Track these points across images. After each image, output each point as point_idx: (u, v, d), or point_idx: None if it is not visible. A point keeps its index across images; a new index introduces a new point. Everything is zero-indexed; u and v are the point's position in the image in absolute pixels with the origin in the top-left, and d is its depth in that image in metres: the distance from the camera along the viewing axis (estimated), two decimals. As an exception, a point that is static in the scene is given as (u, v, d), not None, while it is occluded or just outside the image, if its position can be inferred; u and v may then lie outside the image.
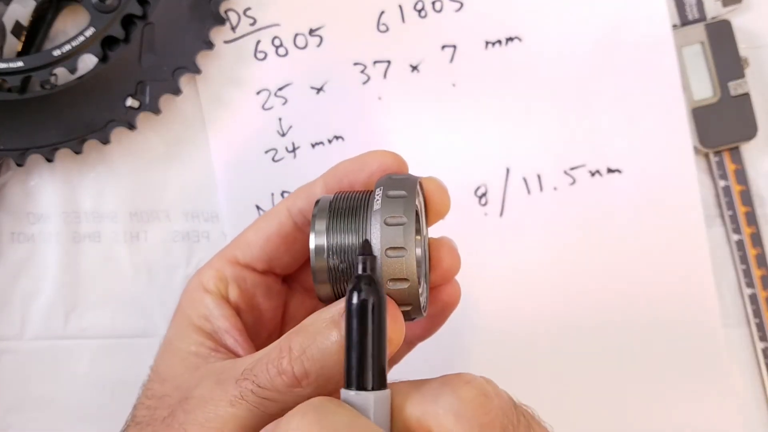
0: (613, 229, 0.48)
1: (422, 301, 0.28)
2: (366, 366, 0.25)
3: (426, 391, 0.25)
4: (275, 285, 0.33)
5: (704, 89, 0.48)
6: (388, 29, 0.48)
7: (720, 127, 0.48)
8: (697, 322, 0.47)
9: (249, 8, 0.48)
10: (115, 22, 0.44)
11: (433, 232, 0.33)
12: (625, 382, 0.47)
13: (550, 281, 0.48)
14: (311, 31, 0.48)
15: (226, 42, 0.48)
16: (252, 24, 0.48)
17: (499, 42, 0.48)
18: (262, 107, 0.48)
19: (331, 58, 0.48)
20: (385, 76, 0.48)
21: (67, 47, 0.43)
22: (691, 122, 0.48)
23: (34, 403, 0.47)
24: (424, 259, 0.30)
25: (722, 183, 0.48)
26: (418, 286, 0.27)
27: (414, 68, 0.48)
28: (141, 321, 0.47)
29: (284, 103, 0.48)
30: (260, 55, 0.48)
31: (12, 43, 0.46)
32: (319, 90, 0.48)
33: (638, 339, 0.47)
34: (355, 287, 0.25)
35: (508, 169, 0.48)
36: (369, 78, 0.48)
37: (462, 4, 0.48)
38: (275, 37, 0.48)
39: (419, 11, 0.48)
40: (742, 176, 0.48)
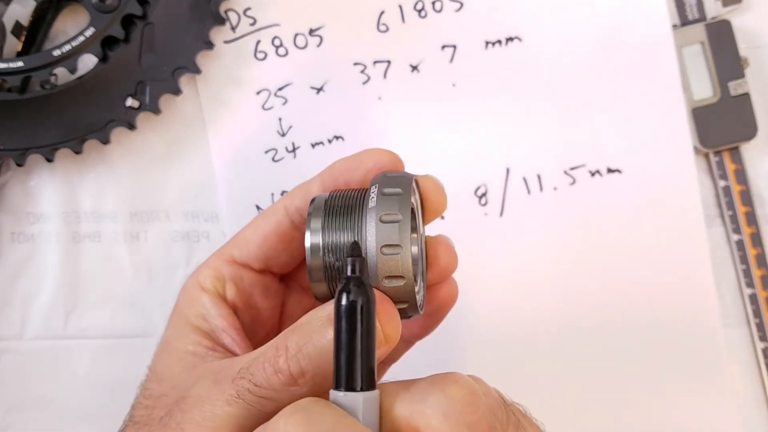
0: (613, 229, 0.48)
1: (419, 299, 0.28)
2: (355, 367, 0.24)
3: (414, 390, 0.25)
4: (273, 284, 0.33)
5: (704, 89, 0.48)
6: (388, 29, 0.48)
7: (720, 127, 0.48)
8: (697, 322, 0.47)
9: (249, 8, 0.48)
10: (115, 22, 0.44)
11: (433, 231, 0.33)
12: (624, 381, 0.47)
13: (549, 281, 0.48)
14: (311, 31, 0.48)
15: (226, 42, 0.48)
16: (252, 24, 0.48)
17: (499, 42, 0.48)
18: (262, 107, 0.48)
19: (331, 58, 0.48)
20: (385, 76, 0.48)
21: (67, 47, 0.43)
22: (691, 122, 0.48)
23: (34, 403, 0.47)
24: (420, 257, 0.30)
25: (722, 183, 0.48)
26: (413, 283, 0.27)
27: (414, 68, 0.48)
28: (141, 321, 0.47)
29: (284, 103, 0.48)
30: (260, 55, 0.48)
31: (12, 43, 0.46)
32: (319, 90, 0.48)
33: (638, 339, 0.47)
34: (344, 288, 0.24)
35: (508, 169, 0.48)
36: (369, 78, 0.48)
37: (462, 4, 0.48)
38: (275, 37, 0.48)
39: (419, 11, 0.48)
40: (742, 176, 0.48)
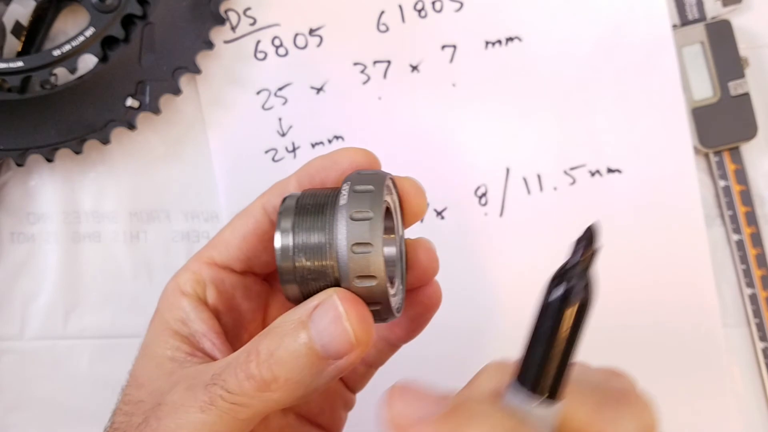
0: (613, 229, 0.48)
1: (395, 302, 0.28)
2: (562, 371, 0.21)
3: (603, 409, 0.23)
4: (255, 285, 0.33)
5: (704, 89, 0.48)
6: (388, 29, 0.48)
7: (720, 127, 0.48)
8: (697, 322, 0.47)
9: (249, 8, 0.48)
10: (115, 22, 0.44)
11: (433, 230, 0.33)
12: (625, 382, 0.47)
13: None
14: (311, 31, 0.48)
15: (226, 42, 0.48)
16: (252, 24, 0.48)
17: (499, 42, 0.48)
18: (262, 107, 0.48)
19: (331, 58, 0.48)
20: (385, 76, 0.48)
21: (67, 47, 0.43)
22: (691, 122, 0.48)
23: (35, 403, 0.47)
24: (399, 259, 0.30)
25: (722, 183, 0.48)
26: (386, 283, 0.26)
27: (414, 68, 0.48)
28: (141, 321, 0.46)
29: (284, 103, 0.48)
30: (260, 55, 0.48)
31: (12, 43, 0.46)
32: (319, 90, 0.48)
33: (638, 339, 0.47)
34: (568, 283, 0.21)
35: (508, 169, 0.48)
36: (369, 78, 0.48)
37: (462, 4, 0.48)
38: (275, 37, 0.48)
39: (419, 11, 0.48)
40: (742, 176, 0.48)
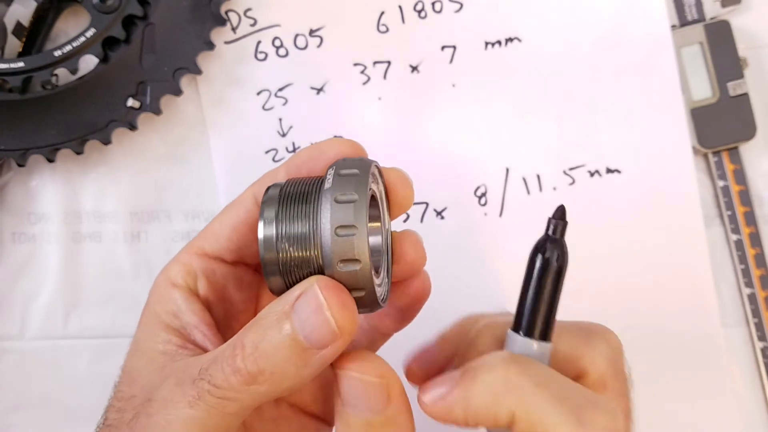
0: (612, 229, 0.48)
1: (380, 292, 0.27)
2: (552, 318, 0.27)
3: (580, 336, 0.29)
4: (246, 276, 0.32)
5: (703, 89, 0.48)
6: (388, 30, 0.48)
7: (719, 127, 0.48)
8: (696, 322, 0.47)
9: (249, 9, 0.48)
10: (116, 23, 0.44)
11: (432, 229, 0.33)
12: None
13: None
14: (311, 32, 0.48)
15: (226, 42, 0.48)
16: (252, 25, 0.48)
17: (499, 42, 0.48)
18: (263, 107, 0.48)
19: (331, 59, 0.48)
20: (385, 76, 0.48)
21: (68, 48, 0.43)
22: (690, 122, 0.48)
23: (35, 403, 0.47)
24: (386, 250, 0.29)
25: (721, 183, 0.48)
26: (370, 267, 0.25)
27: (414, 68, 0.48)
28: (141, 321, 0.47)
29: (284, 104, 0.48)
30: (261, 56, 0.48)
31: (13, 43, 0.46)
32: (320, 90, 0.48)
33: (637, 338, 0.47)
34: (548, 249, 0.26)
35: (508, 169, 0.48)
36: (369, 78, 0.48)
37: (462, 5, 0.48)
38: (276, 38, 0.48)
39: (419, 12, 0.48)
40: (741, 176, 0.48)
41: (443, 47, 0.48)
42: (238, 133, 0.48)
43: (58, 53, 0.43)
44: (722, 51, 0.48)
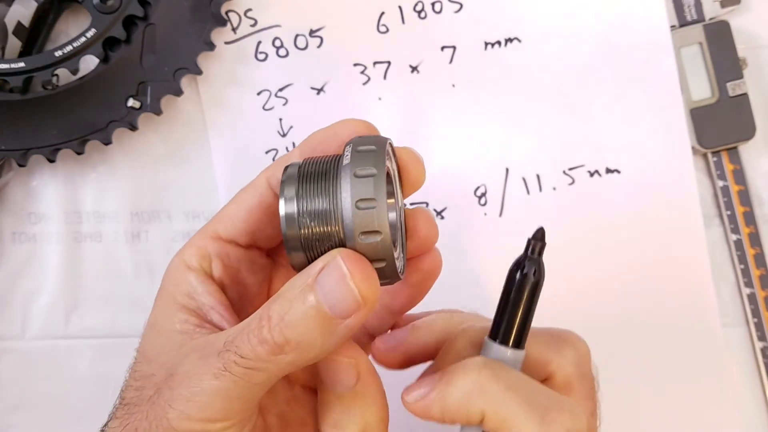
0: (612, 229, 0.48)
1: (399, 265, 0.28)
2: (526, 329, 0.30)
3: (549, 342, 0.31)
4: (260, 259, 0.33)
5: (703, 90, 0.48)
6: (388, 30, 0.48)
7: (718, 127, 0.48)
8: (696, 322, 0.47)
9: (250, 9, 0.48)
10: (116, 23, 0.44)
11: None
12: (623, 381, 0.47)
13: (548, 281, 0.48)
14: (312, 32, 0.48)
15: (227, 43, 0.48)
16: (253, 25, 0.48)
17: (499, 43, 0.48)
18: (263, 108, 0.48)
19: (331, 59, 0.48)
20: (385, 76, 0.48)
21: (69, 48, 0.44)
22: (690, 122, 0.48)
23: (36, 403, 0.47)
24: (399, 226, 0.30)
25: (721, 183, 0.48)
26: (390, 238, 0.26)
27: (414, 69, 0.48)
28: (142, 321, 0.47)
29: (285, 104, 0.48)
30: (261, 56, 0.48)
31: (14, 43, 0.46)
32: (320, 90, 0.48)
33: (637, 338, 0.48)
34: (527, 266, 0.29)
35: (508, 169, 0.48)
36: (369, 79, 0.48)
37: (461, 5, 0.48)
38: (276, 38, 0.48)
39: (419, 12, 0.48)
40: (740, 176, 0.48)
41: (443, 47, 0.48)
42: (238, 133, 0.48)
43: (58, 53, 0.44)
44: (722, 51, 0.48)
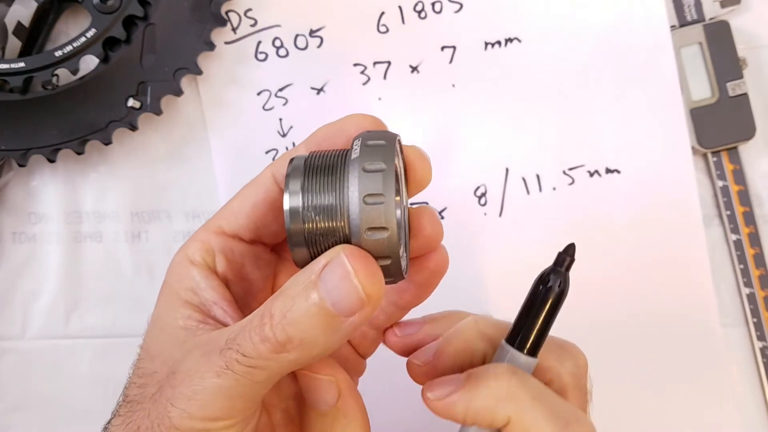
0: (611, 229, 0.48)
1: (403, 264, 0.28)
2: (543, 339, 0.30)
3: (552, 351, 0.31)
4: (264, 254, 0.32)
5: (702, 90, 0.48)
6: (388, 30, 0.48)
7: (718, 127, 0.48)
8: (696, 322, 0.47)
9: (250, 9, 0.48)
10: (116, 23, 0.44)
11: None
12: (623, 381, 0.47)
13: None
14: (312, 32, 0.48)
15: (227, 43, 0.48)
16: (253, 25, 0.48)
17: (499, 43, 0.48)
18: (263, 108, 0.48)
19: (331, 59, 0.48)
20: (385, 76, 0.48)
21: (69, 48, 0.44)
22: (690, 122, 0.48)
23: (36, 402, 0.47)
24: (403, 225, 0.30)
25: (720, 183, 0.48)
26: (397, 235, 0.26)
27: (414, 69, 0.48)
28: (142, 320, 0.47)
29: (285, 104, 0.48)
30: (261, 56, 0.48)
31: (14, 43, 0.46)
32: (320, 90, 0.48)
33: (637, 338, 0.48)
34: (552, 279, 0.30)
35: (508, 169, 0.48)
36: (369, 79, 0.48)
37: (461, 5, 0.48)
38: (276, 38, 0.48)
39: (419, 12, 0.48)
40: (740, 176, 0.48)
41: (443, 47, 0.48)
42: (238, 133, 0.48)
43: (58, 53, 0.44)
44: (721, 51, 0.48)
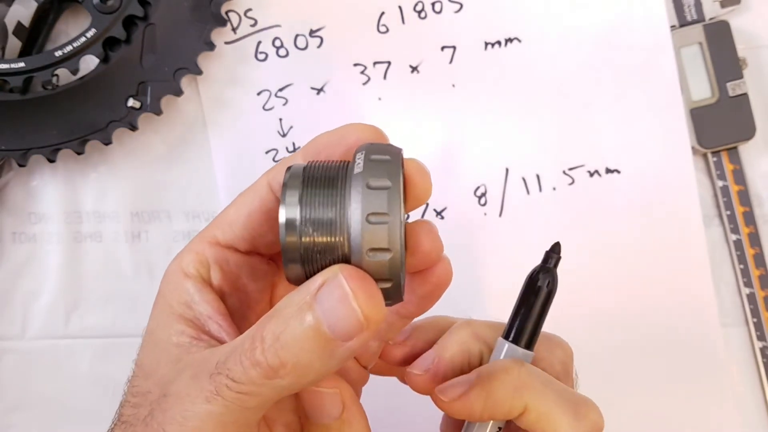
0: (611, 229, 0.48)
1: (402, 284, 0.26)
2: (537, 332, 0.32)
3: (541, 340, 0.33)
4: (261, 265, 0.31)
5: (702, 90, 0.48)
6: (388, 30, 0.48)
7: (718, 127, 0.48)
8: (696, 322, 0.47)
9: (250, 9, 0.48)
10: (116, 23, 0.44)
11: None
12: (623, 380, 0.47)
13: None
14: (312, 32, 0.48)
15: (227, 43, 0.48)
16: (253, 25, 0.48)
17: (499, 43, 0.48)
18: (263, 108, 0.48)
19: (331, 59, 0.48)
20: (385, 76, 0.48)
21: (69, 48, 0.44)
22: (690, 122, 0.48)
23: (36, 403, 0.47)
24: (400, 242, 0.28)
25: (720, 183, 0.48)
26: (401, 257, 0.24)
27: (414, 69, 0.48)
28: (142, 321, 0.46)
29: (285, 104, 0.48)
30: (261, 56, 0.48)
31: (14, 43, 0.46)
32: (320, 91, 0.48)
33: (636, 338, 0.48)
34: (542, 277, 0.32)
35: (508, 170, 0.48)
36: (369, 79, 0.48)
37: (461, 5, 0.48)
38: (276, 38, 0.48)
39: (419, 12, 0.48)
40: (740, 176, 0.48)
41: (443, 47, 0.48)
42: (238, 133, 0.48)
43: (58, 53, 0.44)
44: (721, 51, 0.48)
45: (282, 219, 0.25)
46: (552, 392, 0.30)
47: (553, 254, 0.32)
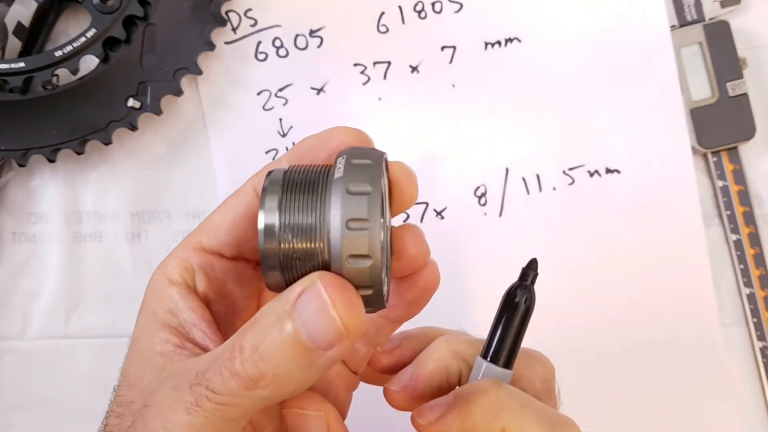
0: (611, 229, 0.48)
1: (384, 290, 0.26)
2: (515, 351, 0.31)
3: (522, 357, 0.32)
4: (247, 271, 0.31)
5: (702, 90, 0.48)
6: (388, 30, 0.48)
7: (718, 127, 0.48)
8: (696, 322, 0.47)
9: (250, 9, 0.48)
10: (116, 23, 0.44)
11: (432, 229, 0.33)
12: (623, 381, 0.47)
13: (548, 281, 0.47)
14: (312, 32, 0.48)
15: (227, 43, 0.48)
16: (253, 25, 0.48)
17: (499, 43, 0.48)
18: (263, 108, 0.48)
19: (331, 59, 0.48)
20: (385, 76, 0.48)
21: (69, 48, 0.44)
22: (690, 122, 0.48)
23: (36, 402, 0.47)
24: (386, 247, 0.28)
25: (720, 183, 0.48)
26: (381, 264, 0.24)
27: (414, 69, 0.48)
28: (142, 320, 0.47)
29: (285, 104, 0.48)
30: (261, 56, 0.48)
31: (14, 43, 0.46)
32: (320, 91, 0.48)
33: (636, 338, 0.48)
34: (519, 294, 0.31)
35: (508, 170, 0.48)
36: (369, 79, 0.48)
37: (461, 5, 0.48)
38: (276, 38, 0.48)
39: (419, 12, 0.48)
40: (740, 176, 0.48)
41: (443, 47, 0.48)
42: (238, 133, 0.48)
43: (58, 53, 0.44)
44: (721, 51, 0.48)
45: (261, 225, 0.25)
46: (531, 413, 0.29)
47: (530, 271, 0.31)
